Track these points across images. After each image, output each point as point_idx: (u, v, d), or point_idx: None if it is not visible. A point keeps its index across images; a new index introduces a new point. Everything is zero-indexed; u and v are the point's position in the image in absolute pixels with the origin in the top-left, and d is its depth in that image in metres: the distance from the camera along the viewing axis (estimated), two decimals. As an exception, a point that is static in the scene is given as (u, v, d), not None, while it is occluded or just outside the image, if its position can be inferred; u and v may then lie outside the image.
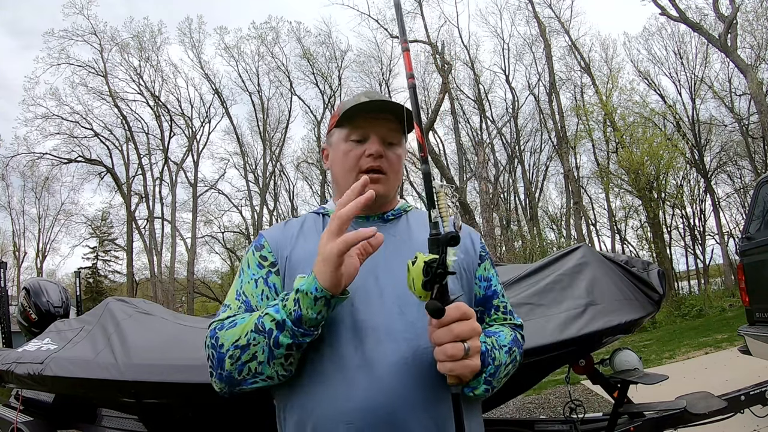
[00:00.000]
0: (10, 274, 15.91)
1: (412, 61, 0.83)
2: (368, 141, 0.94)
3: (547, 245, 16.68)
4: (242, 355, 0.77)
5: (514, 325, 0.99)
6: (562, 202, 24.17)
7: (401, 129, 0.97)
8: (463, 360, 0.71)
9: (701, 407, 2.22)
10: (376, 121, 0.94)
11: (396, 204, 1.02)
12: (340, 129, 0.98)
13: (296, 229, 0.96)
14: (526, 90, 23.55)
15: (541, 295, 2.12)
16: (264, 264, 0.91)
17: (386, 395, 0.77)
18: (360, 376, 0.78)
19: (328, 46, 23.58)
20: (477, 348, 0.74)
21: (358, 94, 0.99)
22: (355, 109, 0.93)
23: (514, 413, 4.73)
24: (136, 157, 23.23)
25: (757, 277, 3.76)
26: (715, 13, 15.19)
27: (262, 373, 0.78)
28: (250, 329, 0.77)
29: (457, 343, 0.71)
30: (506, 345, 0.89)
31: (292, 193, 26.25)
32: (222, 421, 1.88)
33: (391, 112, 0.95)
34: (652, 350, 7.61)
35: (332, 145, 1.00)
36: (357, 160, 0.94)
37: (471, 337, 0.72)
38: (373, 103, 0.93)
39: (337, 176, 0.99)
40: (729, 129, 20.17)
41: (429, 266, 0.68)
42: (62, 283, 3.85)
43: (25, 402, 2.41)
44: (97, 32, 21.78)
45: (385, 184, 0.95)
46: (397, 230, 0.96)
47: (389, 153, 0.95)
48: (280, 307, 0.76)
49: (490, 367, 0.82)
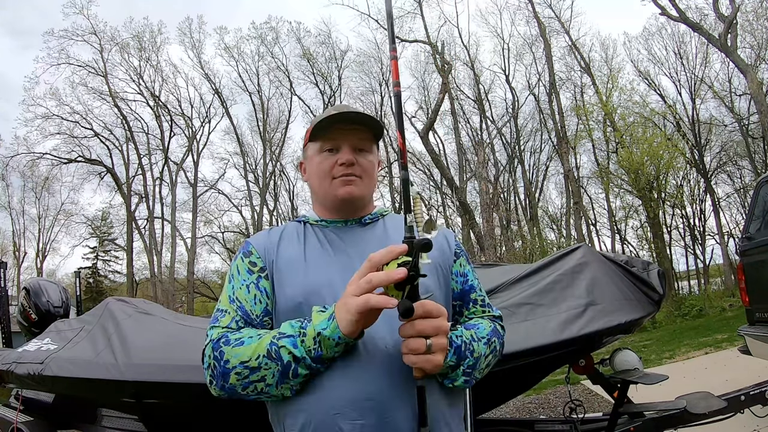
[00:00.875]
0: (10, 274, 15.90)
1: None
2: (340, 151, 1.00)
3: (547, 245, 16.68)
4: (251, 375, 0.81)
5: (493, 317, 1.04)
6: (562, 202, 24.21)
7: (373, 138, 1.03)
8: (426, 355, 0.77)
9: (701, 407, 2.22)
10: (346, 131, 0.99)
11: (372, 209, 1.08)
12: (313, 143, 1.03)
13: (277, 237, 1.01)
14: (526, 90, 23.57)
15: (541, 295, 2.12)
16: (254, 270, 0.96)
17: (374, 385, 0.81)
18: (347, 370, 0.82)
19: (328, 46, 23.62)
20: (441, 345, 0.79)
21: (328, 109, 1.04)
22: (326, 121, 0.98)
23: (514, 413, 4.73)
24: (136, 157, 23.27)
25: (757, 277, 3.76)
26: (715, 13, 15.20)
27: (269, 392, 0.83)
28: (262, 354, 0.81)
29: (419, 338, 0.76)
30: (485, 336, 0.93)
31: (292, 193, 26.27)
32: (222, 420, 1.88)
33: (362, 123, 1.00)
34: (652, 350, 7.61)
35: (307, 159, 1.06)
36: (330, 168, 0.99)
37: (435, 335, 0.77)
38: (342, 115, 0.98)
39: (314, 186, 1.05)
40: (729, 129, 20.19)
41: (402, 267, 0.73)
42: (62, 283, 3.85)
43: (25, 402, 2.41)
44: (97, 32, 21.81)
45: (359, 187, 1.00)
46: (375, 233, 1.02)
47: (361, 159, 1.00)
48: (298, 342, 0.80)
49: (469, 359, 0.87)
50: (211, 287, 25.95)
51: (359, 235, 1.01)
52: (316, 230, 1.02)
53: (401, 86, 0.86)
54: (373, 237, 1.00)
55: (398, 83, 0.83)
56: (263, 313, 0.92)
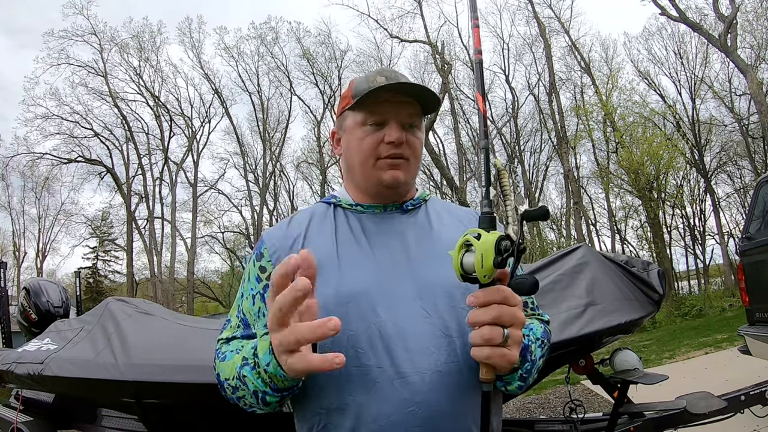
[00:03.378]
0: (10, 274, 15.89)
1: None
2: (387, 126, 0.84)
3: (547, 245, 16.68)
4: (235, 392, 0.73)
5: (542, 321, 0.91)
6: (562, 202, 24.17)
7: (421, 111, 0.88)
8: (501, 348, 0.64)
9: (701, 407, 2.22)
10: (396, 104, 0.84)
11: (414, 193, 0.94)
12: (354, 112, 0.87)
13: (302, 228, 0.86)
14: (526, 90, 23.57)
15: (541, 295, 2.12)
16: (262, 277, 0.83)
17: (419, 406, 0.70)
18: (389, 389, 0.71)
19: (328, 46, 23.59)
20: (518, 338, 0.66)
21: (372, 73, 0.87)
22: (373, 91, 0.82)
23: (514, 413, 4.73)
24: (136, 157, 23.25)
25: (757, 277, 3.76)
26: (715, 13, 15.18)
27: (258, 408, 0.74)
28: (235, 375, 0.71)
29: (495, 326, 0.63)
30: (540, 338, 0.81)
31: (292, 193, 26.27)
32: (222, 420, 1.88)
33: (411, 94, 0.85)
34: (652, 350, 7.61)
35: (345, 130, 0.90)
36: (375, 146, 0.85)
37: (512, 325, 0.64)
38: (392, 86, 0.82)
39: (352, 163, 0.89)
40: (729, 129, 20.18)
41: (503, 241, 0.61)
42: (62, 283, 3.85)
43: (25, 402, 2.41)
44: (96, 32, 21.79)
45: (406, 170, 0.86)
46: (417, 221, 0.88)
47: (410, 137, 0.86)
48: (254, 374, 0.67)
49: (528, 362, 0.75)
50: (211, 287, 25.98)
51: (400, 223, 0.87)
52: (348, 216, 0.87)
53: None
54: (414, 224, 0.87)
55: (479, 50, 0.76)
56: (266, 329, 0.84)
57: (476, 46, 0.76)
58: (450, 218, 0.91)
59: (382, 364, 0.71)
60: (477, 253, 0.62)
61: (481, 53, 0.76)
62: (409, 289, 0.77)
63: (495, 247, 0.60)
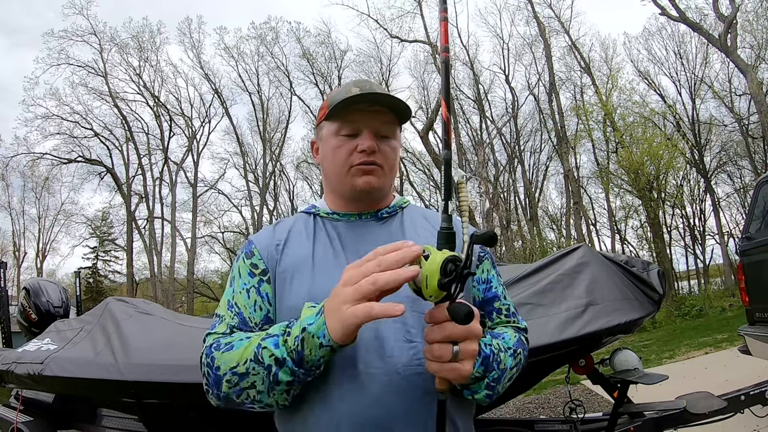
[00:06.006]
0: (10, 274, 15.91)
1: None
2: (360, 136, 0.88)
3: (547, 245, 16.69)
4: (241, 381, 0.73)
5: (518, 328, 0.93)
6: (562, 202, 24.19)
7: (396, 120, 0.91)
8: (451, 363, 0.66)
9: (701, 407, 2.22)
10: (369, 113, 0.87)
11: (391, 201, 0.97)
12: (329, 122, 0.91)
13: (284, 234, 0.91)
14: (526, 90, 23.56)
15: (541, 295, 2.12)
16: (255, 272, 0.87)
17: (380, 409, 0.73)
18: (353, 389, 0.74)
19: (328, 46, 23.60)
20: (470, 352, 0.68)
21: (348, 84, 0.91)
22: (347, 101, 0.85)
23: (514, 413, 4.73)
24: (136, 157, 23.28)
25: (757, 277, 3.76)
26: (715, 13, 15.20)
27: (261, 401, 0.75)
28: (249, 358, 0.72)
29: (445, 344, 0.66)
30: (511, 347, 0.83)
31: (292, 193, 26.30)
32: (222, 421, 1.88)
33: (387, 105, 0.88)
34: (652, 350, 7.61)
35: (322, 139, 0.94)
36: (349, 155, 0.88)
37: (465, 339, 0.67)
38: (365, 96, 0.86)
39: (328, 172, 0.93)
40: (729, 129, 20.20)
41: (449, 263, 0.61)
42: (62, 283, 3.84)
43: (25, 402, 2.41)
44: (96, 32, 21.83)
45: (380, 177, 0.89)
46: (391, 229, 0.91)
47: (383, 146, 0.89)
48: (280, 342, 0.70)
49: (495, 371, 0.76)
50: (211, 287, 25.95)
51: (374, 231, 0.90)
52: (326, 224, 0.92)
53: (449, 52, 0.73)
54: (388, 233, 0.90)
55: (446, 48, 0.71)
56: (263, 320, 0.84)
57: (443, 44, 0.72)
58: (426, 225, 0.94)
59: (345, 365, 0.75)
60: (422, 274, 0.63)
61: (448, 51, 0.72)
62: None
63: (440, 269, 0.61)
